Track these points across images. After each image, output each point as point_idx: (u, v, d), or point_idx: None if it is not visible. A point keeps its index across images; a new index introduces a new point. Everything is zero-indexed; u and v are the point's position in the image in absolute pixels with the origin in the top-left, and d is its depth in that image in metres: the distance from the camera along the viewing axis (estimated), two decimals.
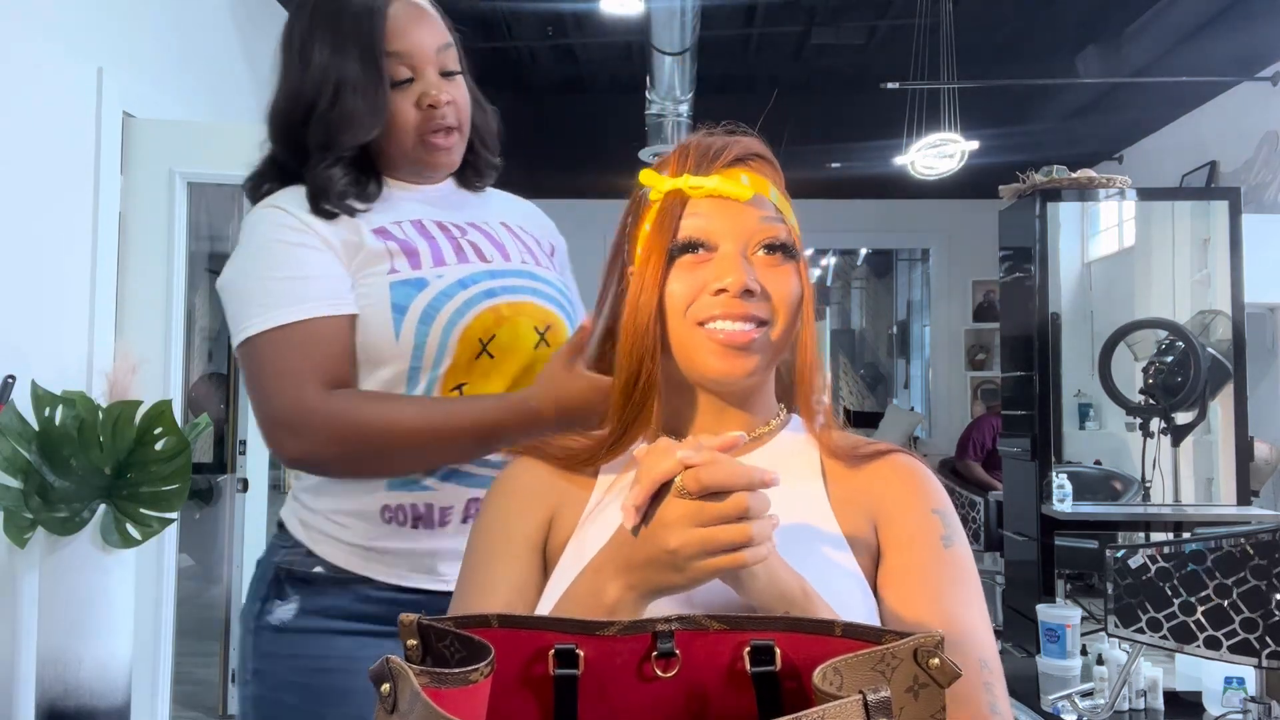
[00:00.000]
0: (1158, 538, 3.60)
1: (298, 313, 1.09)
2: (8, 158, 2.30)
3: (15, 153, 2.32)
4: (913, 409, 8.94)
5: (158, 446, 2.26)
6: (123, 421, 2.21)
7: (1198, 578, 1.84)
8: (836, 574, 0.75)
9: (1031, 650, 2.88)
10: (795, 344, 0.83)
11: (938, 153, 4.49)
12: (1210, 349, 3.82)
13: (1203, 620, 1.83)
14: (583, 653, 0.60)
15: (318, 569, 1.14)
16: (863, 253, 10.49)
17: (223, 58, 3.27)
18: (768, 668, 0.59)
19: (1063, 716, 2.06)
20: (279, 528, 1.21)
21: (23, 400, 2.19)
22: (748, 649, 0.60)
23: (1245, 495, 3.78)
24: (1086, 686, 2.12)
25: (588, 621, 0.61)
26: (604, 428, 0.85)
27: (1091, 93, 5.30)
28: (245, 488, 3.69)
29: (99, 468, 2.21)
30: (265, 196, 1.20)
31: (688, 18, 4.16)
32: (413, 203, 1.23)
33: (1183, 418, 3.80)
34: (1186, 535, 2.97)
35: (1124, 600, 1.94)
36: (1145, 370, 3.85)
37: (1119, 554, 1.96)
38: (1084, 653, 2.23)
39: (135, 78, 2.78)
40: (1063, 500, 3.64)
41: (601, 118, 5.97)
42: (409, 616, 0.60)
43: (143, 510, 2.25)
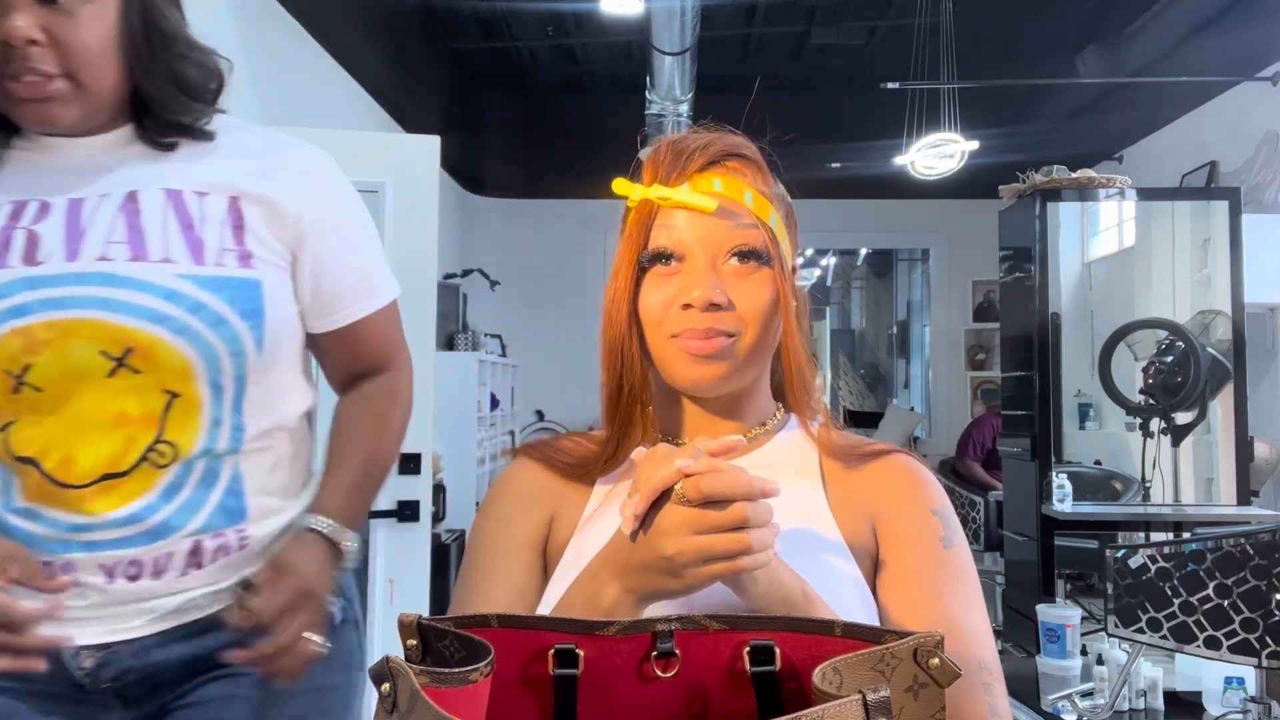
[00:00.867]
0: (1158, 538, 3.60)
1: None
2: None
3: None
4: (913, 409, 8.94)
5: None
6: None
7: (1198, 578, 1.84)
8: (835, 576, 0.75)
9: (1031, 650, 2.88)
10: (781, 347, 0.82)
11: (938, 153, 4.49)
12: (1210, 349, 3.81)
13: (1203, 620, 1.83)
14: (582, 653, 0.60)
15: None
16: (863, 253, 10.50)
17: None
18: (767, 668, 0.59)
19: (1063, 716, 2.06)
20: None
21: None
22: (747, 649, 0.60)
23: (1245, 495, 3.78)
24: (1086, 686, 2.12)
25: (587, 621, 0.61)
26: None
27: (1091, 93, 5.31)
28: None
29: None
30: None
31: (688, 18, 4.17)
32: (19, 172, 1.01)
33: (1183, 418, 3.80)
34: (1186, 535, 2.96)
35: (1124, 600, 1.94)
36: (1145, 370, 3.84)
37: (1119, 554, 1.96)
38: (1084, 653, 2.23)
39: None
40: (1063, 500, 3.64)
41: (601, 118, 5.96)
42: (408, 616, 0.60)
43: None
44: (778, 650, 0.59)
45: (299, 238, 1.06)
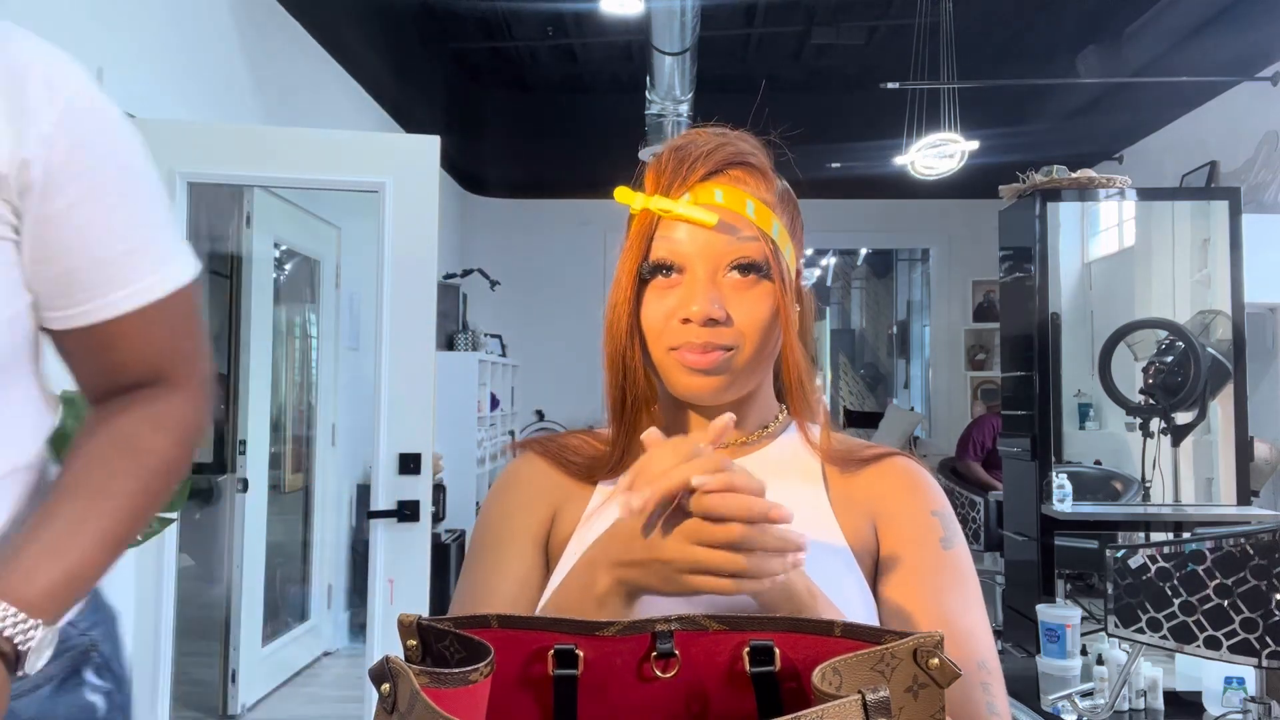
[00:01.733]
0: (1158, 538, 3.60)
1: None
2: None
3: None
4: (913, 409, 8.95)
5: None
6: None
7: (1198, 578, 1.84)
8: (838, 576, 0.75)
9: (1031, 650, 2.88)
10: (781, 357, 0.83)
11: (938, 153, 4.49)
12: (1210, 349, 3.81)
13: (1203, 620, 1.83)
14: (582, 653, 0.60)
15: None
16: (863, 253, 10.50)
17: (224, 58, 3.27)
18: (767, 668, 0.59)
19: (1063, 716, 2.06)
20: None
21: None
22: (747, 649, 0.60)
23: (1245, 495, 3.78)
24: (1086, 686, 2.12)
25: (587, 622, 0.61)
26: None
27: (1091, 93, 5.31)
28: (245, 488, 3.70)
29: None
30: None
31: (688, 18, 4.17)
32: None
33: (1183, 418, 3.80)
34: (1186, 535, 2.96)
35: (1124, 600, 1.94)
36: (1145, 370, 3.85)
37: (1119, 554, 1.96)
38: (1084, 653, 2.23)
39: (136, 78, 2.78)
40: (1063, 500, 3.64)
41: (601, 118, 5.97)
42: (408, 616, 0.60)
43: None
44: (777, 650, 0.59)
45: (23, 190, 0.72)
